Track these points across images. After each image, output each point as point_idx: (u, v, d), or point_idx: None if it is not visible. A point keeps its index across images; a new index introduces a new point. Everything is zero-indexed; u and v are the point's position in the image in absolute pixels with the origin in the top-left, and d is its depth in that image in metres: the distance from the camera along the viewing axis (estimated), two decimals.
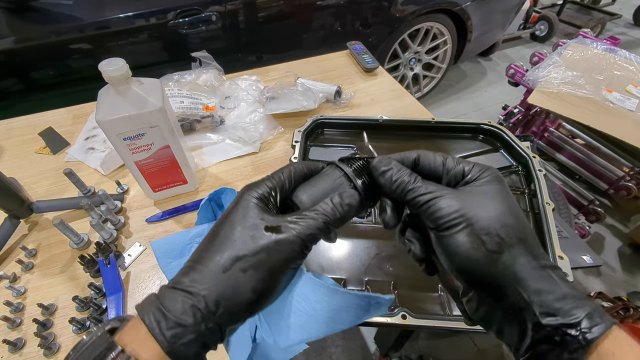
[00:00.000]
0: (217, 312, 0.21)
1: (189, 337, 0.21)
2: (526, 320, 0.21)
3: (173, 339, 0.20)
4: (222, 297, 0.22)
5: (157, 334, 0.20)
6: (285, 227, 0.24)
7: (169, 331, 0.21)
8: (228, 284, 0.22)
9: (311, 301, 0.28)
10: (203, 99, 0.88)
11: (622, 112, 1.20)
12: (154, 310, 0.21)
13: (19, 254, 0.62)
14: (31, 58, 1.25)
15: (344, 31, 1.73)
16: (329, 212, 0.25)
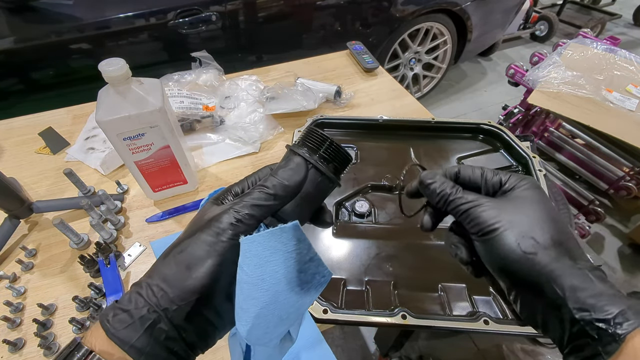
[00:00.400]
0: (158, 295, 0.22)
1: (130, 321, 0.21)
2: (563, 316, 0.23)
3: (117, 324, 0.21)
4: (162, 280, 0.22)
5: (103, 321, 0.21)
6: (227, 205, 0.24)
7: (114, 318, 0.21)
8: (167, 267, 0.23)
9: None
10: (203, 99, 0.88)
11: (622, 112, 1.20)
12: (109, 307, 0.23)
13: (19, 254, 0.62)
14: (31, 58, 1.25)
15: (344, 31, 1.73)
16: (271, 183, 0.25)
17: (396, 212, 0.66)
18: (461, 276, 0.56)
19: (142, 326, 0.21)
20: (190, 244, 0.23)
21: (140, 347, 0.21)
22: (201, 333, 0.23)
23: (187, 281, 0.22)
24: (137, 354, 0.21)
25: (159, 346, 0.21)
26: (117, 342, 0.21)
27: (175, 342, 0.22)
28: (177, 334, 0.22)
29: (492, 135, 0.76)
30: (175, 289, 0.22)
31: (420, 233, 0.62)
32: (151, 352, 0.21)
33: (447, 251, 0.32)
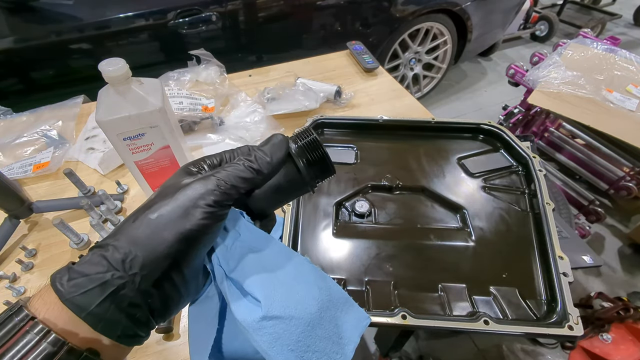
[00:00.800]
0: (125, 259, 0.20)
1: (90, 286, 0.19)
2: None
3: (72, 288, 0.19)
4: (132, 243, 0.20)
5: (56, 286, 0.19)
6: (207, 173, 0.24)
7: (70, 282, 0.19)
8: (139, 230, 0.21)
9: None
10: (202, 100, 0.88)
11: (622, 112, 1.20)
12: (62, 269, 0.20)
13: (19, 254, 0.62)
14: (31, 58, 1.25)
15: (344, 31, 1.73)
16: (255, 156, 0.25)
17: (396, 212, 0.65)
18: (461, 276, 0.56)
19: (103, 292, 0.19)
20: (165, 207, 0.21)
21: (99, 313, 0.19)
22: (166, 300, 0.22)
23: (161, 246, 0.20)
24: (94, 320, 0.19)
25: (120, 313, 0.20)
26: (73, 307, 0.19)
27: (138, 309, 0.21)
28: (143, 300, 0.20)
29: (492, 136, 0.76)
30: (148, 252, 0.20)
31: (420, 233, 0.62)
32: (110, 318, 0.19)
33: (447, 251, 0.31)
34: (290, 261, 0.27)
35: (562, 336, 0.47)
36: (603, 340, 1.11)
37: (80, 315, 0.19)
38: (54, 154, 0.77)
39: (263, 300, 0.23)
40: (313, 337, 0.24)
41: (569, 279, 0.53)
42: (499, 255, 0.59)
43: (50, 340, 0.18)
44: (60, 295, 0.19)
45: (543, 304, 0.53)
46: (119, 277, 0.19)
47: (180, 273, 0.22)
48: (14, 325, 0.18)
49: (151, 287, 0.21)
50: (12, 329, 0.18)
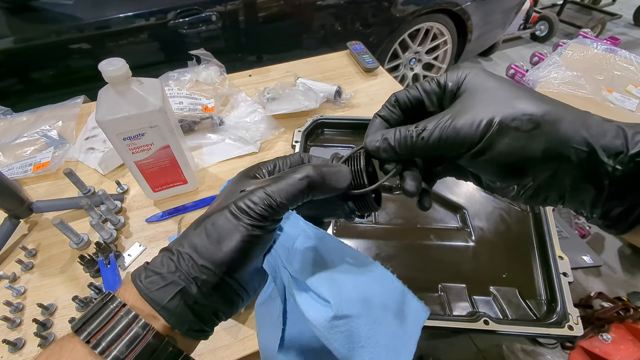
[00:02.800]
0: (188, 263, 0.23)
1: (162, 284, 0.22)
2: (599, 171, 0.21)
3: (149, 285, 0.22)
4: (193, 249, 0.23)
5: (137, 282, 0.23)
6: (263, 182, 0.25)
7: (147, 279, 0.23)
8: (198, 238, 0.23)
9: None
10: (202, 100, 0.88)
11: (622, 112, 1.20)
12: (140, 268, 0.24)
13: (19, 253, 0.62)
14: (31, 58, 1.25)
15: (344, 31, 1.73)
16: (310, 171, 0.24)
17: (396, 212, 0.66)
18: (461, 276, 0.56)
19: (173, 290, 0.22)
20: (221, 218, 0.23)
21: (171, 308, 0.22)
22: (227, 301, 0.25)
23: (217, 254, 0.23)
24: (167, 314, 0.22)
25: (187, 310, 0.23)
26: (150, 301, 0.22)
27: (203, 308, 0.23)
28: (205, 300, 0.23)
29: None
30: (205, 260, 0.23)
31: (420, 233, 0.62)
32: (180, 313, 0.22)
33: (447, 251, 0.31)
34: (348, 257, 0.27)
35: (562, 336, 0.47)
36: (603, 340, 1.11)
37: (156, 308, 0.22)
38: (54, 154, 0.77)
39: (332, 300, 0.24)
40: (380, 333, 0.25)
41: (569, 279, 0.53)
42: (499, 255, 0.59)
43: (140, 324, 0.21)
44: (139, 290, 0.22)
45: (543, 304, 0.53)
46: (184, 279, 0.23)
47: (234, 279, 0.24)
48: (110, 310, 0.22)
49: (212, 290, 0.23)
50: (110, 313, 0.22)
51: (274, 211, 0.23)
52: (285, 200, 0.23)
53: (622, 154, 0.21)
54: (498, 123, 0.22)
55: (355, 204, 0.28)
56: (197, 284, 0.23)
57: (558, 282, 0.53)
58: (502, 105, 0.23)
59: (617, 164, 0.21)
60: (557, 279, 0.53)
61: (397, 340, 0.25)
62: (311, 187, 0.24)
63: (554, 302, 0.52)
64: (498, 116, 0.22)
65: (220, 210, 0.23)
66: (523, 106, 0.22)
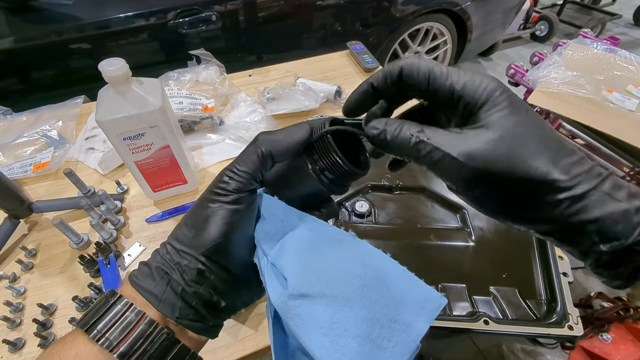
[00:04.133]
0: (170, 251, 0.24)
1: (148, 272, 0.24)
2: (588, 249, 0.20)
3: (139, 275, 0.24)
4: (175, 240, 0.25)
5: (131, 276, 0.25)
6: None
7: (138, 271, 0.25)
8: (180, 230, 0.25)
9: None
10: (202, 100, 0.88)
11: (622, 112, 1.20)
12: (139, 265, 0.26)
13: (18, 254, 0.62)
14: (31, 58, 1.25)
15: (344, 31, 1.73)
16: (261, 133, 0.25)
17: (396, 212, 0.66)
18: (461, 276, 0.56)
19: (157, 276, 0.24)
20: (196, 207, 0.25)
21: (157, 294, 0.23)
22: (216, 289, 0.24)
23: (194, 239, 0.24)
24: (155, 300, 0.23)
25: (175, 296, 0.23)
26: (138, 289, 0.23)
27: (192, 296, 0.24)
28: (192, 287, 0.24)
29: None
30: (183, 245, 0.24)
31: (421, 233, 0.62)
32: (167, 300, 0.23)
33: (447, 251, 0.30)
34: (331, 238, 0.24)
35: (562, 336, 0.47)
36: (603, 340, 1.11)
37: (144, 294, 0.23)
38: (54, 154, 0.77)
39: (289, 278, 0.22)
40: (353, 319, 0.21)
41: (568, 279, 0.53)
42: (499, 255, 0.59)
43: (134, 311, 0.22)
44: (131, 282, 0.24)
45: (543, 304, 0.53)
46: (167, 266, 0.24)
47: (216, 262, 0.24)
48: (106, 300, 0.23)
49: (197, 276, 0.24)
50: (105, 303, 0.23)
51: (237, 182, 0.23)
52: (245, 167, 0.23)
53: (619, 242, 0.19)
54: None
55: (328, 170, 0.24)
56: (180, 270, 0.23)
57: (558, 282, 0.53)
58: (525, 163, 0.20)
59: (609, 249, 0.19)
60: (557, 279, 0.53)
61: (380, 330, 0.21)
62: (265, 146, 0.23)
63: (554, 302, 0.52)
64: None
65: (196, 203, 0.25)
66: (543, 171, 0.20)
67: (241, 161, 0.24)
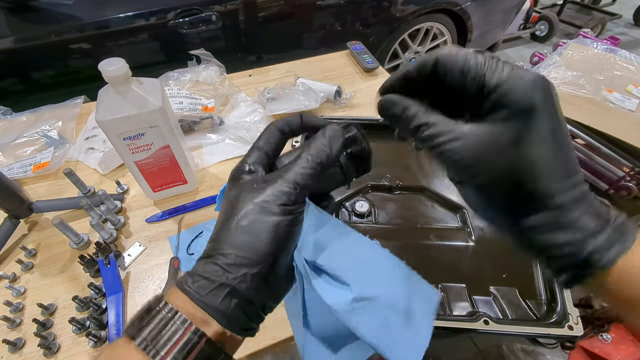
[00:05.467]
0: (234, 263, 0.23)
1: (212, 287, 0.23)
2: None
3: (199, 289, 0.23)
4: (236, 249, 0.24)
5: (186, 289, 0.23)
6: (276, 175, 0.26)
7: (195, 284, 0.23)
8: (238, 237, 0.24)
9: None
10: (202, 100, 0.88)
11: (622, 112, 1.20)
12: (184, 276, 0.24)
13: (18, 253, 0.62)
14: (31, 58, 1.25)
15: (344, 31, 1.73)
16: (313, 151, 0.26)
17: (396, 212, 0.66)
18: (461, 276, 0.56)
19: (223, 291, 0.23)
20: (252, 215, 0.24)
21: (223, 310, 0.23)
22: (274, 294, 0.26)
23: (261, 246, 0.23)
24: (220, 316, 0.23)
25: (237, 309, 0.23)
26: (203, 306, 0.23)
27: (251, 305, 0.24)
28: (255, 296, 0.24)
29: None
30: (252, 254, 0.23)
31: (421, 233, 0.62)
32: (231, 315, 0.23)
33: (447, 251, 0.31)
34: (362, 243, 0.28)
35: (562, 336, 0.47)
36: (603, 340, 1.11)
37: (209, 312, 0.23)
38: (54, 154, 0.77)
39: (352, 283, 0.25)
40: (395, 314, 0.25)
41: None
42: (499, 255, 0.59)
43: (192, 330, 0.21)
44: (190, 297, 0.23)
45: (543, 304, 0.53)
46: (233, 278, 0.23)
47: (280, 267, 0.25)
48: (163, 316, 0.22)
49: (261, 283, 0.24)
50: (162, 319, 0.22)
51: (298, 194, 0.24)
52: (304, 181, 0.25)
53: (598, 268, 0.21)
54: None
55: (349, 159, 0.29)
56: (246, 281, 0.23)
57: None
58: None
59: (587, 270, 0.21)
60: None
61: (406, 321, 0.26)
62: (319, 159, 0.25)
63: (554, 302, 0.52)
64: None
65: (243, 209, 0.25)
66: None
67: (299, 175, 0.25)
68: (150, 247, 0.63)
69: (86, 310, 0.55)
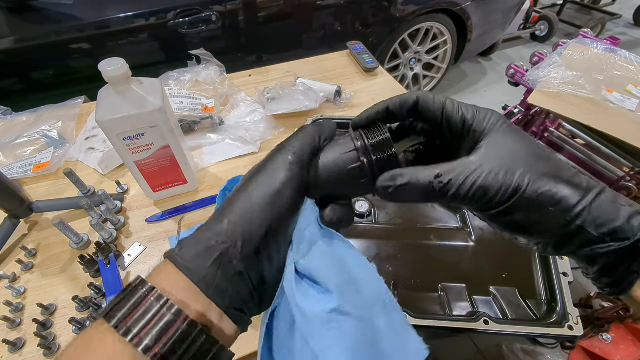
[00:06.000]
0: (229, 228, 0.22)
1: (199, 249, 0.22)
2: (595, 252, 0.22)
3: (185, 254, 0.22)
4: (233, 215, 0.23)
5: (172, 255, 0.22)
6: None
7: (182, 250, 0.22)
8: (237, 205, 0.23)
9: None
10: (202, 100, 0.88)
11: (622, 112, 1.20)
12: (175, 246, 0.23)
13: (19, 253, 0.62)
14: (31, 58, 1.25)
15: (344, 31, 1.73)
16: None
17: (396, 212, 0.66)
18: (461, 276, 0.56)
19: (211, 256, 0.21)
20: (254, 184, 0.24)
21: (209, 278, 0.21)
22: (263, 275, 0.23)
23: (257, 214, 0.22)
24: (206, 285, 0.21)
25: (226, 280, 0.21)
26: (187, 273, 0.21)
27: (242, 279, 0.22)
28: (245, 268, 0.22)
29: None
30: (247, 221, 0.22)
31: (421, 233, 0.62)
32: (219, 284, 0.21)
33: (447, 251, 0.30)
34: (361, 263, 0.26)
35: (562, 336, 0.47)
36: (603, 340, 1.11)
37: (194, 280, 0.21)
38: (54, 154, 0.77)
39: (337, 292, 0.22)
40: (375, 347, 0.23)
41: (568, 279, 0.53)
42: (499, 255, 0.59)
43: (173, 311, 0.20)
44: (175, 262, 0.21)
45: (543, 304, 0.53)
46: (223, 242, 0.21)
47: (274, 241, 0.23)
48: (141, 295, 0.20)
49: (252, 253, 0.22)
50: (140, 298, 0.20)
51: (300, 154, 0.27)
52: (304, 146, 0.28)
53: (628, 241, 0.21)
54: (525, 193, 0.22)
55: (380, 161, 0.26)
56: (238, 246, 0.22)
57: (558, 282, 0.53)
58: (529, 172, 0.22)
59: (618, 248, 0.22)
60: (557, 279, 0.53)
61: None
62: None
63: (554, 302, 0.52)
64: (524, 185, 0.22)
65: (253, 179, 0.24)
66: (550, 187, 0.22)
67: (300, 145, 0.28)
68: (151, 247, 0.63)
69: (86, 311, 0.55)
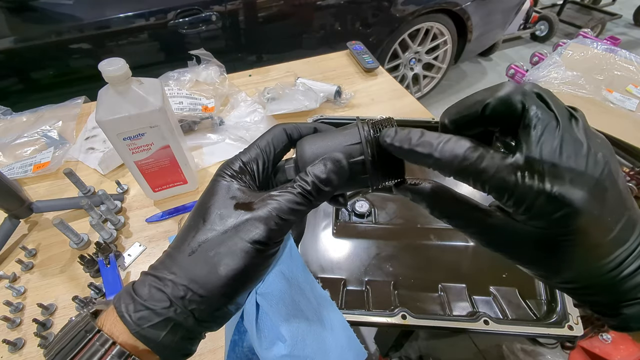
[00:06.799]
0: (185, 296, 0.21)
1: (155, 320, 0.21)
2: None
3: (140, 321, 0.21)
4: (190, 281, 0.21)
5: (125, 317, 0.21)
6: (259, 203, 0.22)
7: (136, 314, 0.21)
8: (197, 267, 0.21)
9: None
10: (202, 100, 0.88)
11: (622, 112, 1.20)
12: (124, 295, 0.22)
13: (18, 253, 0.62)
14: (31, 58, 1.25)
15: (344, 31, 1.73)
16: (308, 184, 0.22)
17: (396, 212, 0.65)
18: (461, 276, 0.56)
19: (167, 326, 0.21)
20: (221, 245, 0.21)
21: (165, 344, 0.21)
22: (219, 322, 0.24)
23: (218, 283, 0.21)
24: (160, 349, 0.21)
25: (181, 341, 0.22)
26: (142, 339, 0.21)
27: (196, 335, 0.23)
28: (200, 329, 0.22)
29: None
30: (206, 291, 0.21)
31: (421, 233, 0.62)
32: (174, 347, 0.21)
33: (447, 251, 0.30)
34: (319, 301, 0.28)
35: (562, 336, 0.47)
36: (603, 340, 1.11)
37: (149, 345, 0.21)
38: (54, 154, 0.77)
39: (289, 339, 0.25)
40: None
41: None
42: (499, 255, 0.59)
43: (116, 353, 0.20)
44: (129, 327, 0.21)
45: (543, 303, 0.53)
46: (181, 313, 0.21)
47: (234, 304, 0.23)
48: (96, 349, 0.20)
49: (208, 317, 0.22)
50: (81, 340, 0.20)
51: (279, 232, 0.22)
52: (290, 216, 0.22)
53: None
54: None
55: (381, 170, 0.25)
56: (195, 315, 0.21)
57: None
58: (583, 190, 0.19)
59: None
60: None
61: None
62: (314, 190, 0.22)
63: (554, 302, 0.52)
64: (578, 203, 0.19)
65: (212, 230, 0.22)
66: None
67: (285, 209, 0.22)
68: (151, 247, 0.63)
69: None
